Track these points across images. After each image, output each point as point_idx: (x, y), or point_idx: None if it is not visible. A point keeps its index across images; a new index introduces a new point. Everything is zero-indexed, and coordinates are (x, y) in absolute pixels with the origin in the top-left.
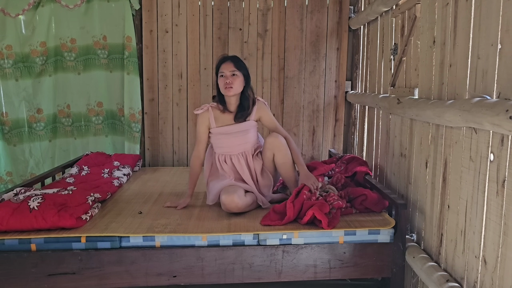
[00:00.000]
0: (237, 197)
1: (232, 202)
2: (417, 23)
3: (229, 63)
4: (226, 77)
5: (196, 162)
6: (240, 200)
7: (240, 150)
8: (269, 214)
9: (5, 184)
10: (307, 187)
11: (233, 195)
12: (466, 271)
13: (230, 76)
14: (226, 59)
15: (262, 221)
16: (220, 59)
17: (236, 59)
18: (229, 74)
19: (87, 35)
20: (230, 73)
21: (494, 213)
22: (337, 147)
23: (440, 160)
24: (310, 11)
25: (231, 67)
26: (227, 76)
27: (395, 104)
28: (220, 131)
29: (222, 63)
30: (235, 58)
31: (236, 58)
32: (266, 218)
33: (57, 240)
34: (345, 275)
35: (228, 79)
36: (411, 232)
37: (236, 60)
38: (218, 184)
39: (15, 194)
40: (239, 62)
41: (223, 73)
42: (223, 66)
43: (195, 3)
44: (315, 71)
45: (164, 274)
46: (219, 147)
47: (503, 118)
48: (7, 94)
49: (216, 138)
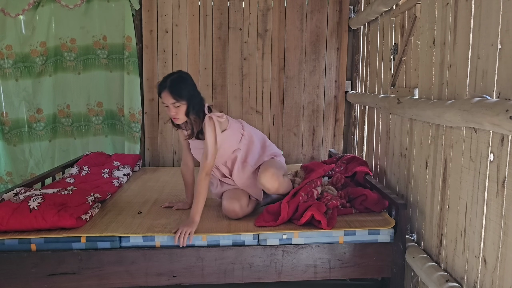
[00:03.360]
0: (239, 207)
1: (233, 211)
2: (417, 23)
3: (167, 95)
4: (169, 109)
5: (184, 170)
6: (241, 211)
7: (220, 161)
8: (262, 215)
9: (5, 184)
10: (304, 189)
11: (235, 204)
12: (466, 271)
13: (173, 108)
14: (163, 88)
15: (256, 222)
16: (158, 85)
17: (173, 87)
18: (171, 106)
19: (87, 35)
20: (172, 105)
21: (494, 213)
22: (337, 147)
23: (440, 160)
24: (310, 11)
25: (171, 99)
26: (170, 108)
27: (395, 104)
28: (191, 144)
29: (161, 92)
30: (172, 87)
31: (172, 86)
32: (260, 219)
33: (57, 240)
34: (345, 275)
35: (171, 111)
36: (411, 232)
37: (173, 89)
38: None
39: (15, 194)
40: (177, 91)
41: (166, 104)
42: (163, 97)
43: (195, 3)
44: (315, 71)
45: (164, 274)
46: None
47: (503, 118)
48: (7, 94)
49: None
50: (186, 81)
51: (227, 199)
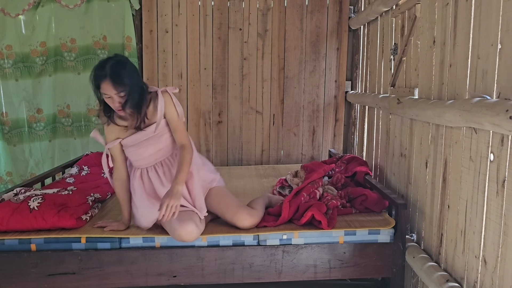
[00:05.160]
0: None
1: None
2: (417, 23)
3: (108, 84)
4: (113, 100)
5: (118, 185)
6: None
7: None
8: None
9: (5, 184)
10: (306, 190)
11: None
12: (466, 271)
13: (116, 97)
14: (105, 77)
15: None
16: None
17: (114, 76)
18: (115, 96)
19: (87, 35)
20: (116, 95)
21: (494, 213)
22: (337, 147)
23: (440, 160)
24: (310, 11)
25: (112, 90)
26: (113, 98)
27: (395, 104)
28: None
29: (101, 82)
30: (113, 75)
31: (114, 75)
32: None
33: (57, 240)
34: (345, 275)
35: (115, 101)
36: (411, 232)
37: (114, 77)
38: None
39: (15, 194)
40: (119, 78)
41: (108, 95)
42: (104, 87)
43: (195, 3)
44: (315, 71)
45: (164, 274)
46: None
47: (503, 118)
48: (7, 94)
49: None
50: (125, 65)
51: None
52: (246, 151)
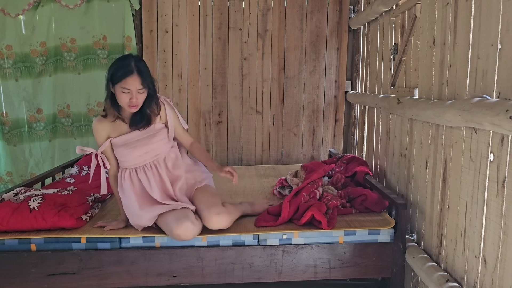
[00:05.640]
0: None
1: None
2: (417, 23)
3: (135, 78)
4: (131, 94)
5: (114, 183)
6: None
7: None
8: (263, 215)
9: (5, 184)
10: (306, 190)
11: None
12: (466, 271)
13: (136, 93)
14: (131, 72)
15: (256, 223)
16: (123, 68)
17: (143, 72)
18: (135, 92)
19: (87, 35)
20: (137, 91)
21: (494, 213)
22: (337, 147)
23: (440, 160)
24: (310, 11)
25: (138, 84)
26: (132, 94)
27: (395, 104)
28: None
29: (127, 76)
30: (142, 71)
31: (143, 70)
32: (260, 219)
33: (57, 240)
34: (345, 275)
35: (133, 97)
36: (411, 232)
37: (143, 73)
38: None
39: (15, 194)
40: (146, 75)
41: (128, 90)
42: (128, 81)
43: (195, 3)
44: (315, 71)
45: (164, 274)
46: (121, 161)
47: (503, 118)
48: (7, 94)
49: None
50: (146, 65)
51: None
52: (246, 151)
